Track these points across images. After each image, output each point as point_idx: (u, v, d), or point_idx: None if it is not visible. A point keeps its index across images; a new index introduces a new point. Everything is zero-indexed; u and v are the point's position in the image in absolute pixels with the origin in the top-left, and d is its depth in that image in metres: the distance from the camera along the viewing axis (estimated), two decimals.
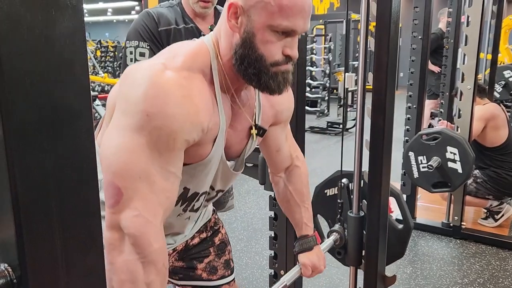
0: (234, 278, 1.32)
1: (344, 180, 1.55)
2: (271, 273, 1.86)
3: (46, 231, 0.43)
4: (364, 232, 1.51)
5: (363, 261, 1.54)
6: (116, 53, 11.29)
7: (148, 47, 1.63)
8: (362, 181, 1.50)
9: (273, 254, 1.84)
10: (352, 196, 1.53)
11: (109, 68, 11.15)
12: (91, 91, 6.54)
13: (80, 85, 0.44)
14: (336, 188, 1.59)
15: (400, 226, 1.54)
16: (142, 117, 0.77)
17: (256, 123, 1.04)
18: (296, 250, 1.27)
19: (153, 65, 0.83)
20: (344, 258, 1.59)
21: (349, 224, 1.53)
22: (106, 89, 7.55)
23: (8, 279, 0.42)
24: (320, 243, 1.33)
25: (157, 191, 0.80)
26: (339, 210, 1.55)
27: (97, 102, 3.81)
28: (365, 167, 1.46)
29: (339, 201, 1.55)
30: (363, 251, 1.52)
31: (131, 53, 1.63)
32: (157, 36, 1.64)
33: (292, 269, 1.25)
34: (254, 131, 1.05)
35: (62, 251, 0.45)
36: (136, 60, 1.63)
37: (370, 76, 1.42)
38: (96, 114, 3.98)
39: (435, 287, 2.40)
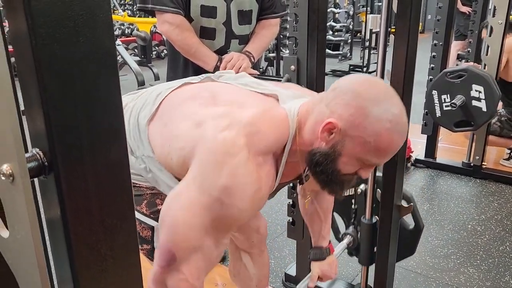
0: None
1: (362, 187, 1.63)
2: (289, 220, 1.89)
3: (73, 119, 0.46)
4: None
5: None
6: None
7: None
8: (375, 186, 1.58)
9: (291, 202, 1.85)
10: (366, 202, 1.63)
11: (129, 11, 11.03)
12: None
13: None
14: (351, 189, 1.68)
15: (411, 226, 1.61)
16: (215, 203, 0.84)
17: (304, 175, 1.09)
18: (310, 258, 1.38)
19: (238, 147, 0.85)
20: (357, 256, 1.72)
21: (362, 229, 1.65)
22: (126, 32, 7.53)
23: (39, 162, 0.45)
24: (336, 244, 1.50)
25: (206, 260, 0.88)
26: (353, 215, 1.68)
27: (118, 42, 3.80)
28: None
29: (353, 207, 1.66)
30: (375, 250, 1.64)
31: None
32: None
33: (305, 278, 1.40)
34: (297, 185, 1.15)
35: (88, 140, 0.47)
36: None
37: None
38: (119, 56, 3.99)
39: (452, 222, 2.44)
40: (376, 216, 1.62)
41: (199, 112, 0.95)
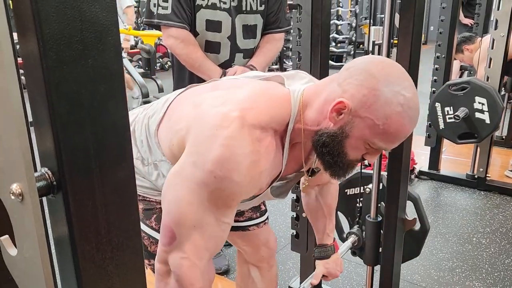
0: (264, 221, 1.36)
1: (370, 186, 1.61)
2: (293, 233, 1.88)
3: (82, 140, 0.47)
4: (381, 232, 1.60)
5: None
6: (139, 8, 11.21)
7: None
8: (381, 184, 1.57)
9: (295, 215, 1.84)
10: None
11: (133, 24, 11.12)
12: None
13: (106, 2, 0.46)
14: (356, 188, 1.68)
15: (417, 227, 1.59)
16: (209, 177, 0.82)
17: (312, 167, 1.06)
18: (315, 256, 1.35)
19: (229, 119, 0.83)
20: (361, 256, 1.69)
21: (367, 228, 1.62)
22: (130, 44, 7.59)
23: (48, 181, 0.46)
24: (340, 246, 1.44)
25: (207, 239, 0.87)
26: (358, 214, 1.65)
27: (123, 54, 3.85)
28: None
29: (358, 205, 1.64)
30: (380, 250, 1.62)
31: None
32: None
33: (310, 276, 1.36)
34: (305, 178, 1.12)
35: (96, 160, 0.48)
36: (159, 5, 1.63)
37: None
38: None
39: (456, 235, 2.43)
40: (380, 215, 1.60)
41: (199, 96, 0.97)
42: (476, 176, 3.01)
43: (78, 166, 0.46)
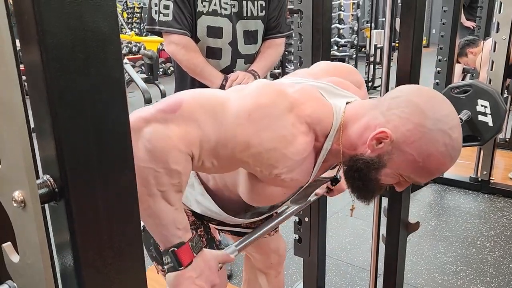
0: (276, 228, 1.35)
1: None
2: (295, 237, 1.88)
3: (84, 147, 0.47)
4: None
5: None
6: (142, 14, 11.27)
7: (173, 0, 1.62)
8: None
9: (297, 220, 1.85)
10: None
11: (136, 29, 11.18)
12: None
13: (108, 11, 0.47)
14: None
15: None
16: (244, 111, 0.80)
17: (336, 175, 1.06)
18: None
19: (284, 96, 0.84)
20: None
21: None
22: (133, 50, 7.63)
23: (50, 188, 0.47)
24: None
25: (198, 137, 0.79)
26: None
27: (125, 60, 3.86)
28: None
29: None
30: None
31: (155, 5, 1.64)
32: None
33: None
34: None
35: (97, 167, 0.49)
36: (160, 12, 1.64)
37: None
38: (126, 74, 4.05)
39: (460, 238, 2.42)
40: None
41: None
42: (479, 179, 3.00)
43: (80, 173, 0.47)
